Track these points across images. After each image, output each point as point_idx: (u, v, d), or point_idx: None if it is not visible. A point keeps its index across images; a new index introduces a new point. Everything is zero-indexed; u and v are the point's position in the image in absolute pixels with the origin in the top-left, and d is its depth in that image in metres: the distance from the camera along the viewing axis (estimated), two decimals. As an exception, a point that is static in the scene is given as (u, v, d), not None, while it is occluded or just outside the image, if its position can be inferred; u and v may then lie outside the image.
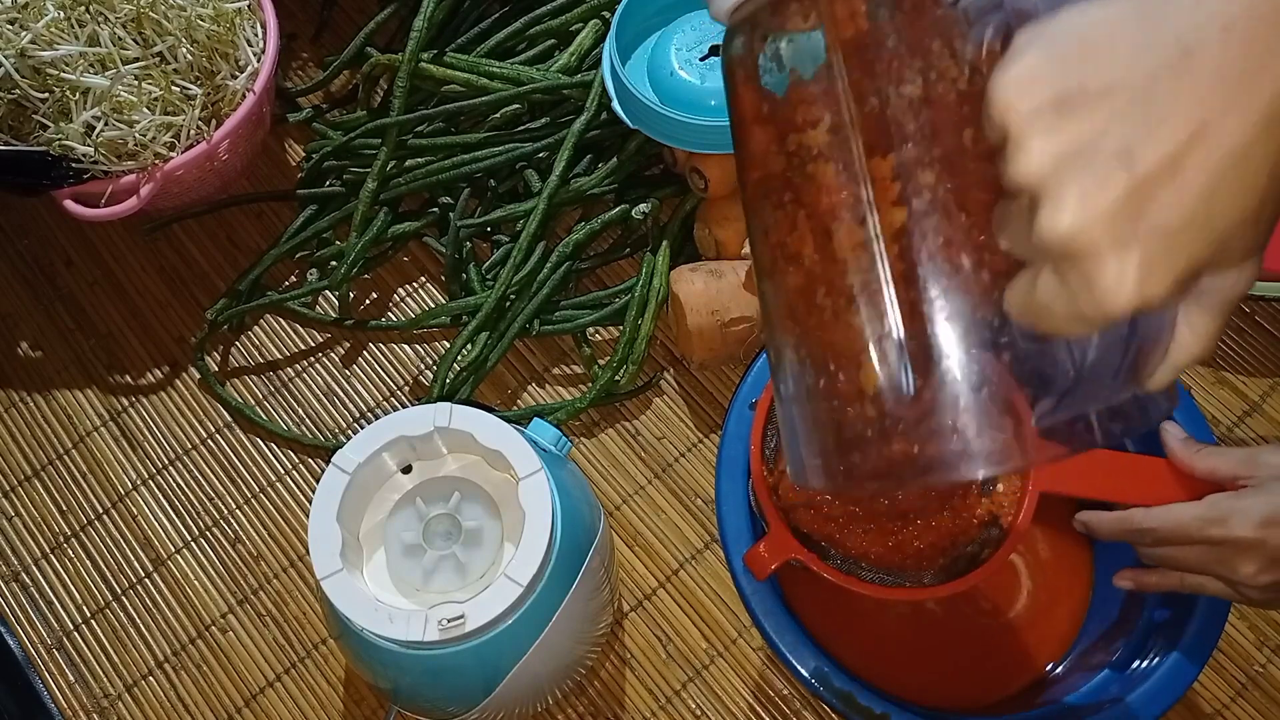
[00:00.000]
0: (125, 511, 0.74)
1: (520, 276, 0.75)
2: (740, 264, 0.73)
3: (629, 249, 0.80)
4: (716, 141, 0.72)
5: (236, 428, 0.77)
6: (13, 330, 0.81)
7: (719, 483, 0.59)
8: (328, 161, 0.82)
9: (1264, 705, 0.66)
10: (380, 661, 0.56)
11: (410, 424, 0.57)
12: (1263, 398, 0.76)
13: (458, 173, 0.78)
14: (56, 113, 0.70)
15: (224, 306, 0.79)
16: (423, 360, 0.79)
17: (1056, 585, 0.67)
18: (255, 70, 0.76)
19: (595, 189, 0.78)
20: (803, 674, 0.54)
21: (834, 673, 0.54)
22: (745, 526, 0.58)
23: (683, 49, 0.74)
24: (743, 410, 0.60)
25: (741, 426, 0.59)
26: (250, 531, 0.74)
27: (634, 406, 0.76)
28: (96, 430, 0.77)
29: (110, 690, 0.69)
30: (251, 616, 0.71)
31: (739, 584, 0.57)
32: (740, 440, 0.59)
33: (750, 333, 0.72)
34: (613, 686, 0.68)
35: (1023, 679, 0.64)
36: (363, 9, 0.92)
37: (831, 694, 0.54)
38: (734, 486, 0.59)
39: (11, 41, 0.69)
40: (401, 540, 0.56)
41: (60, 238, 0.84)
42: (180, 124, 0.72)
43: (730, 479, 0.59)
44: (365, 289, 0.82)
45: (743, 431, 0.58)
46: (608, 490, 0.74)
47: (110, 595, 0.72)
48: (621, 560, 0.71)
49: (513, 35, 0.82)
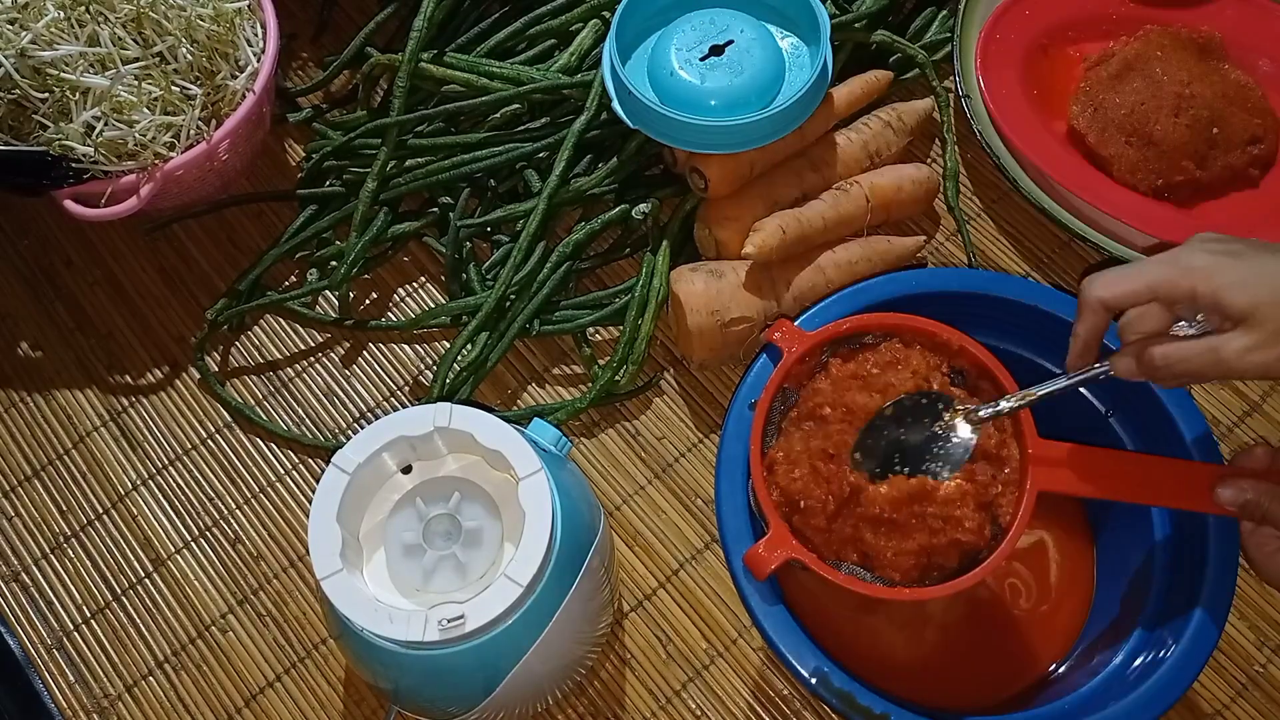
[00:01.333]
0: (125, 511, 0.74)
1: (520, 276, 0.75)
2: (740, 264, 0.73)
3: (629, 249, 0.80)
4: (716, 141, 0.72)
5: (236, 428, 0.77)
6: (13, 330, 0.81)
7: (718, 483, 0.59)
8: (328, 161, 0.82)
9: (1264, 705, 0.66)
10: (380, 661, 0.56)
11: (410, 424, 0.57)
12: (1263, 398, 0.76)
13: (458, 173, 0.78)
14: (56, 113, 0.70)
15: (224, 306, 0.79)
16: (423, 360, 0.79)
17: (1058, 585, 0.67)
18: (255, 70, 0.76)
19: (595, 189, 0.78)
20: (802, 674, 0.54)
21: (834, 672, 0.54)
22: (745, 526, 0.58)
23: (683, 49, 0.73)
24: (742, 410, 0.60)
25: (741, 426, 0.59)
26: (250, 531, 0.74)
27: (634, 406, 0.76)
28: (96, 430, 0.77)
29: (110, 690, 0.69)
30: (251, 616, 0.71)
31: (739, 584, 0.56)
32: (740, 440, 0.59)
33: (750, 333, 0.72)
34: (613, 686, 0.68)
35: (1024, 679, 0.64)
36: (363, 9, 0.92)
37: (831, 694, 0.54)
38: (733, 487, 0.59)
39: (11, 41, 0.69)
40: (401, 540, 0.56)
41: (60, 238, 0.84)
42: (180, 124, 0.72)
43: (730, 479, 0.59)
44: (365, 289, 0.82)
45: (742, 431, 0.58)
46: (608, 490, 0.74)
47: (110, 595, 0.72)
48: (621, 560, 0.71)
49: (513, 35, 0.82)
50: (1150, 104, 0.78)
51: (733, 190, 0.75)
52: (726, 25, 0.74)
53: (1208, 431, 0.59)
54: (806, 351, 0.58)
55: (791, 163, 0.77)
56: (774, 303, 0.72)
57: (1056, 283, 0.80)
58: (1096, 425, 0.65)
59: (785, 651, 0.55)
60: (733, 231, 0.74)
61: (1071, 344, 0.54)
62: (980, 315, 0.63)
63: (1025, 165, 0.79)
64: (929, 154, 0.85)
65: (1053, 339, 0.62)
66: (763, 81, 0.73)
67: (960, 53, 0.83)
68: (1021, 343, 0.65)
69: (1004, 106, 0.81)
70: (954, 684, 0.64)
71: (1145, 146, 0.78)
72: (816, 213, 0.74)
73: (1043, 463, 0.55)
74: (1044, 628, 0.65)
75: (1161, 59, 0.80)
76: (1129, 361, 0.52)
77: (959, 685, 0.64)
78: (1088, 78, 0.83)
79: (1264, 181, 0.81)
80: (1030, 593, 0.66)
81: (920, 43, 0.85)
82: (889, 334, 0.59)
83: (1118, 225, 0.77)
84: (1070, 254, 0.81)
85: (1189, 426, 0.59)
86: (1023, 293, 0.63)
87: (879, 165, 0.79)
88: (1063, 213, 0.77)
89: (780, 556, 0.54)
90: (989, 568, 0.53)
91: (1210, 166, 0.79)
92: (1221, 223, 0.78)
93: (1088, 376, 0.54)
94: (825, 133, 0.78)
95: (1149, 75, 0.80)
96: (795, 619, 0.56)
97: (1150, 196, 0.78)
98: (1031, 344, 0.65)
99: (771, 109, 0.71)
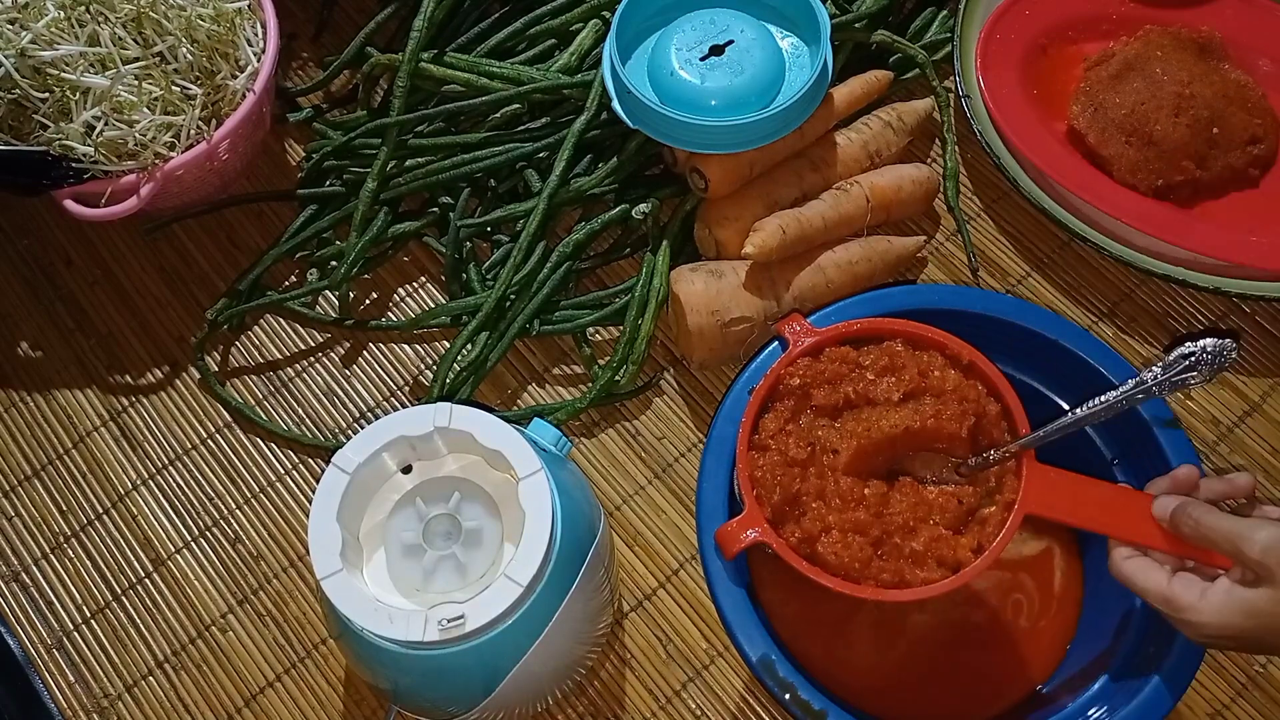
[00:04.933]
0: (125, 511, 0.74)
1: (520, 276, 0.75)
2: (740, 264, 0.73)
3: (629, 249, 0.80)
4: (716, 141, 0.72)
5: (236, 428, 0.77)
6: (13, 330, 0.81)
7: (704, 460, 0.59)
8: (328, 161, 0.82)
9: (1264, 705, 0.66)
10: (380, 661, 0.56)
11: (410, 424, 0.57)
12: (1263, 398, 0.76)
13: (458, 173, 0.78)
14: (56, 113, 0.70)
15: (224, 306, 0.79)
16: (423, 360, 0.79)
17: (1045, 606, 0.66)
18: (255, 70, 0.76)
19: (595, 189, 0.78)
20: (749, 655, 0.55)
21: (781, 662, 0.54)
22: (722, 505, 0.58)
23: (683, 49, 0.73)
24: (741, 395, 0.60)
25: (736, 409, 0.59)
26: (250, 531, 0.74)
27: (634, 406, 0.76)
28: (96, 430, 0.77)
29: (110, 690, 0.69)
30: (251, 616, 0.71)
31: (705, 559, 0.57)
32: (732, 422, 0.59)
33: (750, 333, 0.72)
34: (613, 686, 0.68)
35: (1010, 697, 0.63)
36: (363, 9, 0.92)
37: (774, 682, 0.54)
38: (718, 466, 0.59)
39: (12, 41, 0.69)
40: (401, 540, 0.56)
41: (60, 238, 0.84)
42: (180, 124, 0.72)
43: (716, 458, 0.59)
44: (365, 289, 0.82)
45: (736, 414, 0.58)
46: (608, 490, 0.74)
47: (110, 595, 0.72)
48: (621, 560, 0.71)
49: (513, 35, 0.82)
50: (1150, 104, 0.78)
51: (733, 190, 0.75)
52: (727, 25, 0.74)
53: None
54: (813, 347, 0.58)
55: (791, 163, 0.77)
56: (774, 303, 0.72)
57: (1056, 282, 0.80)
58: (1100, 471, 0.63)
59: (736, 631, 0.55)
60: (733, 231, 0.74)
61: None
62: (996, 339, 0.61)
63: (1025, 165, 0.79)
64: (929, 154, 0.85)
65: (1069, 375, 0.62)
66: (763, 81, 0.73)
67: (960, 53, 0.83)
68: (1035, 373, 0.64)
69: (1004, 106, 0.81)
70: (940, 701, 0.64)
71: (1145, 146, 0.78)
72: (816, 213, 0.74)
73: (1035, 486, 0.54)
74: (1031, 647, 0.64)
75: (1161, 59, 0.80)
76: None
77: (945, 702, 0.64)
78: (1088, 78, 0.83)
79: (1264, 181, 0.81)
80: (1017, 613, 0.65)
81: (920, 43, 0.85)
82: (906, 342, 0.58)
83: (1118, 225, 0.77)
84: (1070, 254, 0.81)
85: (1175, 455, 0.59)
86: (1047, 325, 0.62)
87: (879, 165, 0.79)
88: (1063, 213, 0.77)
89: (751, 538, 0.54)
90: (964, 577, 0.53)
91: (1210, 166, 0.79)
92: (1221, 223, 0.78)
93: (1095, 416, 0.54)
94: (825, 133, 0.78)
95: (1149, 75, 0.80)
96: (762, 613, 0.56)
97: (1150, 196, 0.78)
98: (1046, 377, 0.64)
99: (771, 109, 0.71)
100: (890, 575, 0.53)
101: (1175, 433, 0.59)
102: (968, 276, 0.80)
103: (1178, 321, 0.78)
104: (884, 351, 0.58)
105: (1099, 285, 0.80)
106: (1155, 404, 0.59)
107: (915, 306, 0.62)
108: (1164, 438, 0.59)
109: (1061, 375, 0.63)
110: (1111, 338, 0.78)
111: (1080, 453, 0.64)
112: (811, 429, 0.57)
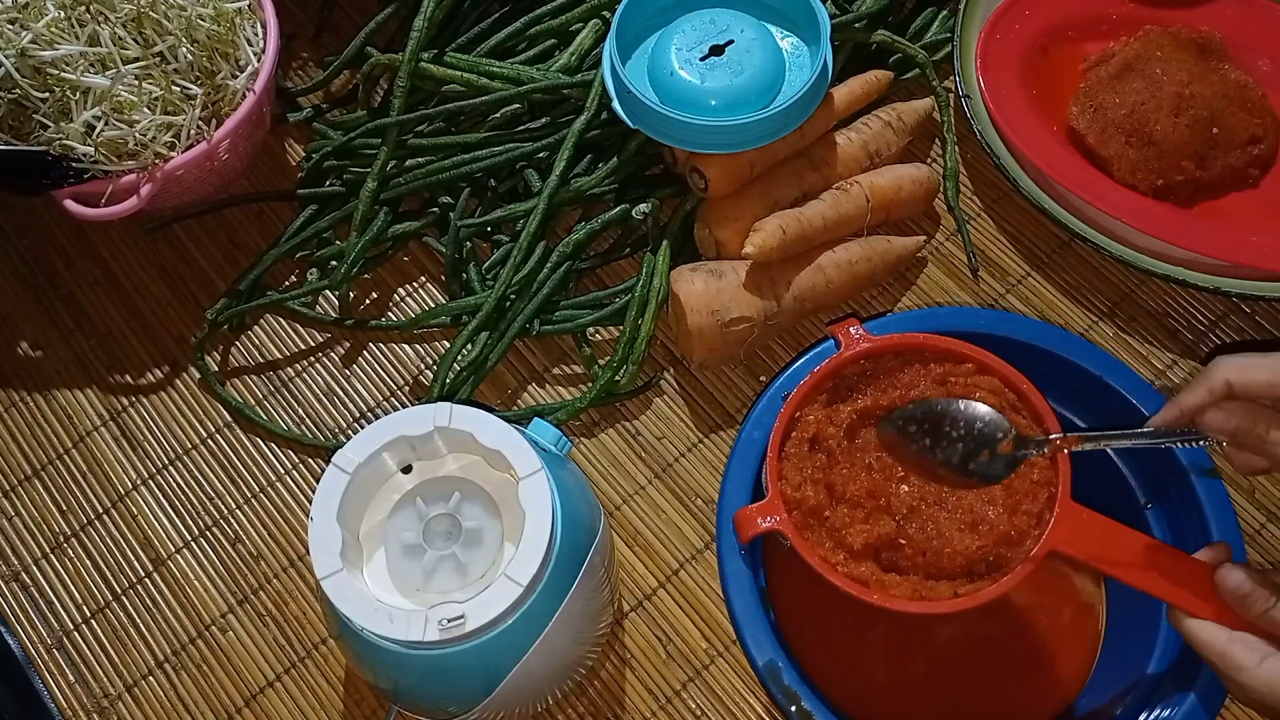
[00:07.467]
0: (125, 511, 0.74)
1: (520, 276, 0.75)
2: (740, 264, 0.73)
3: (629, 249, 0.80)
4: (716, 141, 0.72)
5: (236, 428, 0.77)
6: (13, 330, 0.81)
7: (731, 460, 0.60)
8: (328, 161, 0.82)
9: (1264, 705, 0.66)
10: (380, 661, 0.56)
11: (410, 424, 0.57)
12: (1263, 398, 0.75)
13: (458, 173, 0.78)
14: (56, 112, 0.70)
15: (224, 306, 0.79)
16: (423, 360, 0.79)
17: (1066, 632, 0.65)
18: (255, 70, 0.76)
19: (595, 189, 0.78)
20: (755, 656, 0.55)
21: (787, 669, 0.54)
22: (745, 500, 0.58)
23: (683, 49, 0.73)
24: (775, 399, 0.60)
25: (768, 414, 0.59)
26: (250, 531, 0.74)
27: (634, 406, 0.76)
28: (96, 430, 0.77)
29: (110, 690, 0.69)
30: (251, 616, 0.71)
31: (722, 561, 0.57)
32: (762, 428, 0.59)
33: (750, 333, 0.72)
34: (613, 686, 0.68)
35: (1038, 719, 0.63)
36: (363, 9, 0.92)
37: (779, 690, 0.54)
38: (743, 468, 0.60)
39: (12, 41, 0.69)
40: (401, 540, 0.56)
41: (60, 238, 0.84)
42: (180, 124, 0.72)
43: (742, 461, 0.60)
44: (365, 289, 0.82)
45: (766, 420, 0.58)
46: (608, 490, 0.74)
47: (110, 595, 0.72)
48: (621, 560, 0.71)
49: (513, 35, 0.82)
50: (1150, 104, 0.78)
51: (733, 190, 0.75)
52: (726, 25, 0.74)
53: (1239, 541, 0.57)
54: (864, 354, 0.58)
55: (791, 163, 0.77)
56: (774, 303, 0.72)
57: (1056, 282, 0.80)
58: (1131, 515, 0.63)
59: (745, 633, 0.55)
60: (733, 231, 0.74)
61: (1167, 407, 0.52)
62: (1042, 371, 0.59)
63: (1025, 165, 0.79)
64: (929, 154, 0.85)
65: (1112, 413, 0.61)
66: (763, 81, 0.73)
67: (960, 53, 0.83)
68: (1079, 409, 0.63)
69: (1004, 106, 0.81)
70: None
71: (1145, 146, 0.78)
72: (816, 213, 0.74)
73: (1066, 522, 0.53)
74: (1049, 675, 0.64)
75: (1161, 59, 0.80)
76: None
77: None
78: (1087, 78, 0.83)
79: (1264, 181, 0.81)
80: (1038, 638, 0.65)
81: (920, 43, 0.85)
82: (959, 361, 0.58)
83: (1118, 225, 0.77)
84: (1070, 254, 0.81)
85: (1220, 532, 0.57)
86: (1093, 362, 0.62)
87: (879, 165, 0.79)
88: (1063, 213, 0.77)
89: (769, 524, 0.54)
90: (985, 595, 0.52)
91: (1210, 166, 0.79)
92: (1221, 223, 0.78)
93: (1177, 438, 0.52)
94: (825, 133, 0.78)
95: (1149, 75, 0.80)
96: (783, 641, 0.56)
97: (1150, 196, 0.78)
98: (1090, 413, 0.63)
99: (771, 109, 0.71)
100: (909, 588, 0.53)
101: (1214, 482, 0.58)
102: (968, 277, 0.80)
103: (1178, 321, 0.78)
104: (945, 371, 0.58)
105: (1099, 285, 0.80)
106: (1197, 452, 0.59)
107: (960, 329, 0.62)
108: (1200, 486, 0.58)
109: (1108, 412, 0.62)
110: (1111, 338, 0.78)
111: (1113, 492, 0.63)
112: (854, 430, 0.57)
